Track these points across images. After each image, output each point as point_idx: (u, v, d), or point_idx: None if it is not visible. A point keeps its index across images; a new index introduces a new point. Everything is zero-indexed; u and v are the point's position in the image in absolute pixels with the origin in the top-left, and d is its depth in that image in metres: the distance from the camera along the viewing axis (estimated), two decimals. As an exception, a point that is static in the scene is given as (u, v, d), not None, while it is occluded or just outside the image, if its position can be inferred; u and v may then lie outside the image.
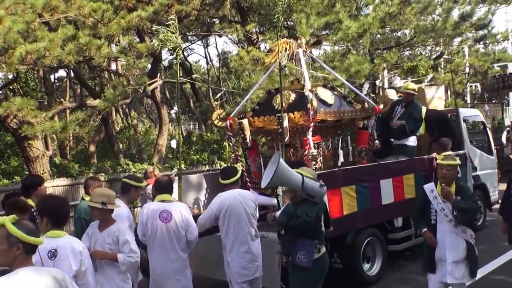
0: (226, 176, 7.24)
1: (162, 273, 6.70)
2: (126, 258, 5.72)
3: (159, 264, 6.65)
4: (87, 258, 4.89)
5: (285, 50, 9.22)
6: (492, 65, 23.27)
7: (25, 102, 9.79)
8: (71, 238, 5.00)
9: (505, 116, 29.66)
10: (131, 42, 12.10)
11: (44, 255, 4.73)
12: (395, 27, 19.68)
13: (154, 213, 6.68)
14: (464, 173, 10.83)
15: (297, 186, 6.15)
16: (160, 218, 6.62)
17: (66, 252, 4.78)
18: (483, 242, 11.15)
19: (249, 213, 6.99)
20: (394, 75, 21.71)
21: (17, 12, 9.12)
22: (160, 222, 6.59)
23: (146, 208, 6.89)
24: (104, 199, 5.77)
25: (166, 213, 6.65)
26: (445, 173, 6.49)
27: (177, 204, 6.95)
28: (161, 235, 6.56)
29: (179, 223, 6.66)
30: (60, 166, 16.92)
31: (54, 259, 4.75)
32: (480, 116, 13.61)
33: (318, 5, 15.77)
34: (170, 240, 6.64)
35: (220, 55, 33.48)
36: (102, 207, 5.75)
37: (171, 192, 7.01)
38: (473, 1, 19.38)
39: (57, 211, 4.97)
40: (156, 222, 6.58)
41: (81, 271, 4.78)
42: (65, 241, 4.85)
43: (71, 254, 4.78)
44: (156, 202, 6.89)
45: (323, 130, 9.24)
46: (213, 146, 19.28)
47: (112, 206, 5.82)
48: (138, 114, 37.42)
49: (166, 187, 6.95)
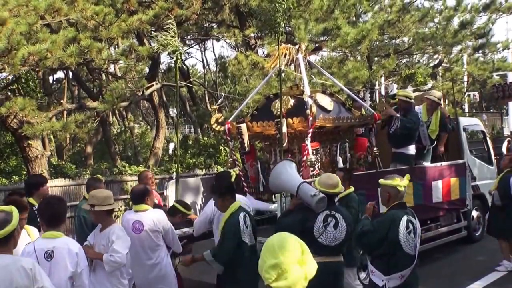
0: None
1: (142, 284, 6.72)
2: (108, 257, 5.73)
3: (138, 276, 6.62)
4: (83, 259, 4.92)
5: (285, 56, 9.26)
6: (491, 74, 23.32)
7: (27, 102, 9.83)
8: (68, 239, 5.02)
9: (504, 126, 29.70)
10: (132, 45, 12.13)
11: (40, 256, 4.75)
12: (394, 35, 19.69)
13: (127, 224, 6.68)
14: (463, 183, 10.86)
15: (292, 192, 6.25)
16: (132, 229, 6.60)
17: (63, 253, 4.80)
18: (482, 253, 11.18)
19: None
20: (391, 82, 21.79)
21: (20, 14, 9.16)
22: (132, 233, 6.54)
23: (123, 217, 6.94)
24: (94, 201, 5.80)
25: (138, 224, 6.64)
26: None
27: (151, 212, 6.82)
28: (134, 246, 6.41)
29: (151, 232, 6.63)
30: (57, 166, 16.92)
31: (50, 260, 4.77)
32: (480, 125, 13.56)
33: (316, 11, 15.80)
34: (144, 250, 6.65)
35: (217, 60, 33.53)
36: (90, 209, 5.81)
37: (145, 201, 6.87)
38: (474, 10, 19.43)
39: (50, 212, 4.99)
40: (129, 234, 6.45)
41: (77, 272, 4.81)
42: (61, 242, 4.87)
43: (68, 256, 4.80)
44: (131, 211, 6.89)
45: (322, 136, 9.26)
46: (210, 150, 19.28)
47: (100, 207, 5.81)
48: (135, 116, 37.43)
49: (140, 196, 6.86)
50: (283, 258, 2.97)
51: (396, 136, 10.11)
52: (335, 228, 5.99)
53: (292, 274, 2.97)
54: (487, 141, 13.23)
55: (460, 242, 11.58)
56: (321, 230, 5.94)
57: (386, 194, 5.99)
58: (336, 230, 5.99)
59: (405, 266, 5.73)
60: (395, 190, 5.91)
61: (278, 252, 2.99)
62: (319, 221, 5.96)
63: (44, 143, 17.93)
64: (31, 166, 12.64)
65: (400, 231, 5.67)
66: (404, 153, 10.06)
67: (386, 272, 5.73)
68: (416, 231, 5.83)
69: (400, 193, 5.93)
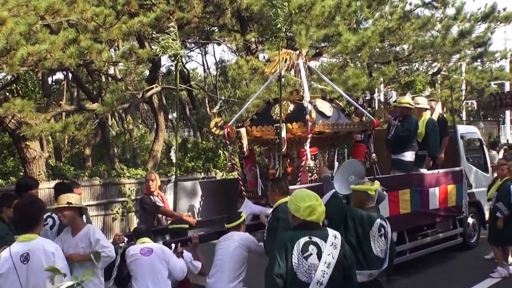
0: (228, 220, 7.41)
1: None
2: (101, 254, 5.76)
3: None
4: (60, 259, 4.91)
5: (285, 61, 9.27)
6: (489, 82, 23.39)
7: (26, 103, 9.81)
8: (44, 240, 5.01)
9: (501, 134, 29.77)
10: (132, 48, 12.11)
11: (16, 260, 4.74)
12: (394, 42, 19.76)
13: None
14: (459, 190, 10.91)
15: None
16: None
17: (39, 255, 4.79)
18: (477, 260, 11.21)
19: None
20: (391, 89, 21.81)
21: (20, 14, 9.14)
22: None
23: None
24: (71, 199, 5.84)
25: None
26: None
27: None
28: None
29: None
30: (55, 168, 16.89)
31: (27, 262, 4.76)
32: (477, 133, 13.64)
33: (318, 17, 15.82)
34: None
35: (218, 63, 33.55)
36: (66, 206, 5.79)
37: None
38: (473, 19, 19.50)
39: (23, 215, 4.98)
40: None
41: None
42: (36, 243, 4.85)
43: (44, 256, 4.79)
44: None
45: (321, 142, 9.27)
46: (208, 154, 19.25)
47: (77, 204, 5.89)
48: (134, 119, 37.39)
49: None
50: (311, 202, 4.77)
51: (392, 143, 10.19)
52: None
53: (318, 211, 4.77)
54: (483, 149, 13.29)
55: (455, 249, 11.62)
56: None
57: (358, 199, 6.13)
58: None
59: (373, 267, 5.76)
60: (366, 194, 6.05)
61: (306, 199, 4.80)
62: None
63: (42, 144, 17.89)
64: (28, 168, 12.61)
65: (372, 232, 5.77)
66: (401, 159, 10.10)
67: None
68: (387, 235, 5.88)
69: (371, 197, 6.05)
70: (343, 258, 4.77)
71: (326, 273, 4.65)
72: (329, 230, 4.87)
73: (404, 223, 9.86)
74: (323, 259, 4.67)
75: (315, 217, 4.74)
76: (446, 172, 10.82)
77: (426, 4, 20.75)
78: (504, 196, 10.04)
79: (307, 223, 4.77)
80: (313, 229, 4.79)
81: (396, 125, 10.23)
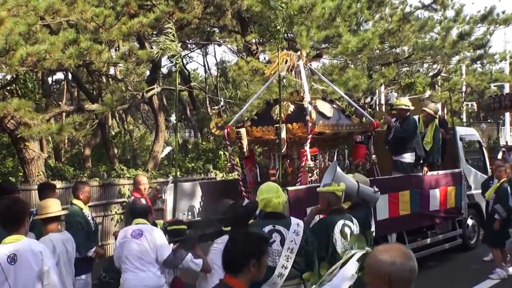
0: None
1: None
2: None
3: None
4: (48, 258, 4.92)
5: (285, 62, 9.27)
6: (489, 84, 23.40)
7: (23, 103, 9.76)
8: (30, 240, 5.00)
9: (500, 136, 29.79)
10: (131, 48, 12.08)
11: (4, 261, 4.71)
12: (394, 44, 19.74)
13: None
14: (459, 192, 10.91)
15: (353, 191, 6.55)
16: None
17: (26, 255, 4.77)
18: (476, 261, 11.22)
19: None
20: (391, 91, 21.82)
21: (19, 14, 9.11)
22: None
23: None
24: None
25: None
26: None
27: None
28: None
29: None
30: (55, 168, 16.86)
31: (14, 263, 4.73)
32: (476, 135, 13.68)
33: (318, 18, 15.80)
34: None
35: (218, 64, 33.54)
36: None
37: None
38: (472, 21, 19.50)
39: (6, 216, 4.95)
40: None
41: (44, 271, 4.79)
42: (23, 244, 4.84)
43: (31, 256, 4.78)
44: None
45: (321, 143, 9.27)
46: (209, 154, 19.21)
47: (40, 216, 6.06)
48: (134, 119, 37.36)
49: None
50: (267, 195, 5.47)
51: (392, 144, 10.22)
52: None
53: (273, 202, 5.44)
54: (483, 151, 13.30)
55: (455, 250, 11.63)
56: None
57: (325, 200, 6.15)
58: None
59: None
60: (333, 195, 6.07)
61: (264, 192, 5.50)
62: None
63: (42, 144, 17.85)
64: (27, 168, 12.56)
65: (335, 235, 5.78)
66: (401, 161, 10.14)
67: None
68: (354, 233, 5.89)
69: (338, 198, 6.09)
70: (305, 244, 5.41)
71: (290, 258, 5.30)
72: (292, 219, 5.59)
73: (404, 225, 9.87)
74: (286, 245, 5.32)
75: (271, 208, 5.48)
76: (445, 173, 10.83)
77: (425, 6, 20.77)
78: (502, 198, 10.06)
79: (271, 214, 5.53)
80: (277, 218, 5.50)
81: (395, 126, 10.26)
